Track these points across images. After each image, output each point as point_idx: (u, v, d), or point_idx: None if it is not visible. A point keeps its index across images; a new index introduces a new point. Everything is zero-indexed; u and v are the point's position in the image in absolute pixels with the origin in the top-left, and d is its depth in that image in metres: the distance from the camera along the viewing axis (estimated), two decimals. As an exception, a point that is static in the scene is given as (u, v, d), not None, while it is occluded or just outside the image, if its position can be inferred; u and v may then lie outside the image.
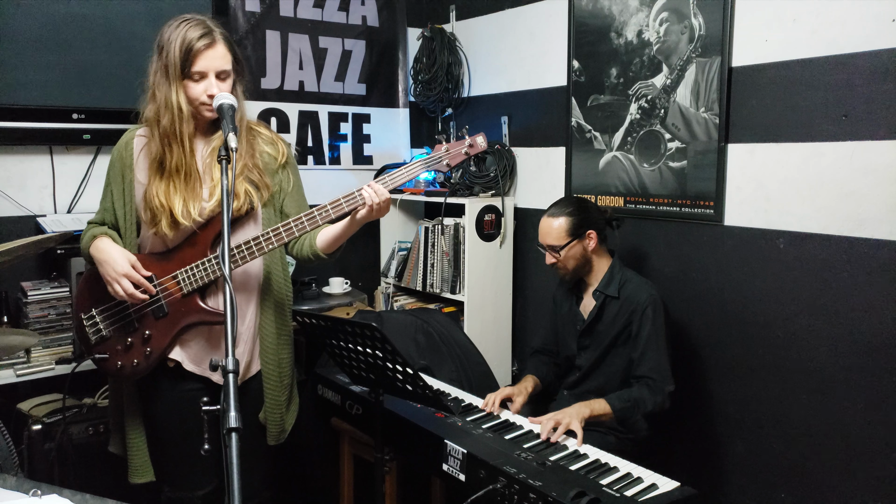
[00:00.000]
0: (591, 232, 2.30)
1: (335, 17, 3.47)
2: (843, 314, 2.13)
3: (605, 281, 2.32)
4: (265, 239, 1.79)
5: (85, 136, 2.71)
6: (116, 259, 1.78)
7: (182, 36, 1.72)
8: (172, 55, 1.72)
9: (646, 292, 2.25)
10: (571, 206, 2.33)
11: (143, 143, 1.86)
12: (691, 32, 2.47)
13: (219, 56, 1.76)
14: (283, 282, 2.00)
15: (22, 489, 1.36)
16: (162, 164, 1.79)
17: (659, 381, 2.16)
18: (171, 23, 1.76)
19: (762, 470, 2.37)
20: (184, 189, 1.79)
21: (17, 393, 2.51)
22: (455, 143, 1.93)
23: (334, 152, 3.55)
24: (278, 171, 1.95)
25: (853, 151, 2.07)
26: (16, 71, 2.55)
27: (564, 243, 2.29)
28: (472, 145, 1.94)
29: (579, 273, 2.36)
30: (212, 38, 1.74)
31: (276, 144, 1.95)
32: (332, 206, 1.79)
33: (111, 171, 1.90)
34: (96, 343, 1.87)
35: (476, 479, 1.77)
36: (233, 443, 1.15)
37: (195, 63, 1.73)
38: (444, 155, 1.92)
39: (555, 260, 2.32)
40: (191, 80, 1.74)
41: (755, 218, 2.34)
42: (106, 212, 1.91)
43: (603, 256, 2.36)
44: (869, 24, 2.01)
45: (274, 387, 1.97)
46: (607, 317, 2.31)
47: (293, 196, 1.98)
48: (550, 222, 2.31)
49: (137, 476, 1.94)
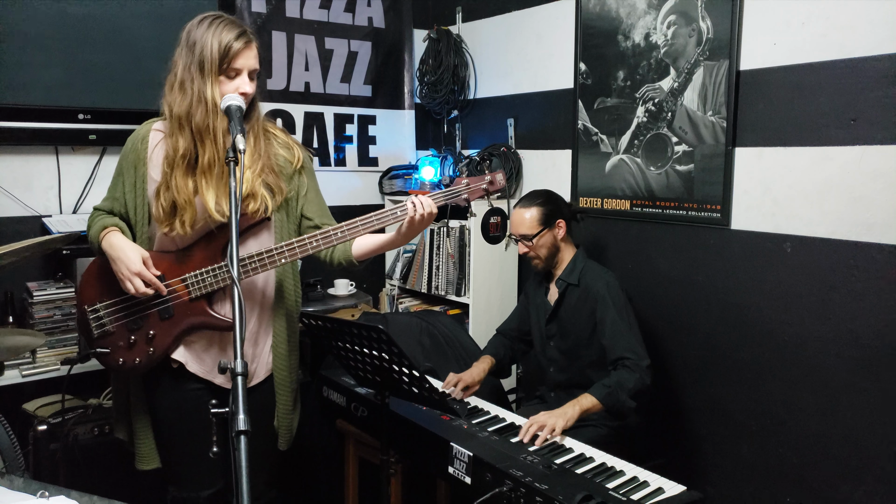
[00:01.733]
0: (560, 221, 2.41)
1: (341, 19, 3.47)
2: (851, 319, 2.12)
3: (568, 270, 2.41)
4: (278, 253, 1.79)
5: (91, 137, 2.71)
6: (130, 257, 1.76)
7: (219, 34, 1.73)
8: (209, 51, 1.72)
9: (602, 279, 2.33)
10: (541, 198, 2.44)
11: (160, 138, 1.84)
12: (699, 35, 2.46)
13: (253, 56, 1.79)
14: (295, 290, 2.00)
15: (29, 490, 1.35)
16: (191, 161, 1.77)
17: (635, 359, 2.18)
18: (200, 21, 1.76)
19: (768, 474, 2.36)
20: (217, 185, 1.78)
21: (22, 393, 2.51)
22: (475, 179, 1.96)
23: (340, 154, 3.55)
24: (293, 177, 1.94)
25: (862, 156, 2.06)
26: (22, 71, 2.55)
27: (536, 232, 2.38)
28: (492, 182, 1.98)
29: (551, 262, 2.44)
30: (248, 38, 1.77)
31: (291, 149, 1.94)
32: (349, 227, 1.81)
33: (123, 162, 1.88)
34: (99, 337, 1.85)
35: (482, 482, 1.76)
36: (241, 445, 1.15)
37: (234, 61, 1.74)
38: (463, 189, 1.95)
39: (527, 249, 2.41)
40: (226, 76, 1.76)
41: (762, 222, 2.34)
42: (116, 201, 1.89)
43: (569, 247, 2.46)
44: (878, 28, 2.00)
45: (286, 392, 1.97)
46: (568, 303, 2.38)
47: (312, 200, 1.98)
48: (522, 213, 2.41)
49: (144, 463, 1.93)
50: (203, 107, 1.73)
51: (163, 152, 1.81)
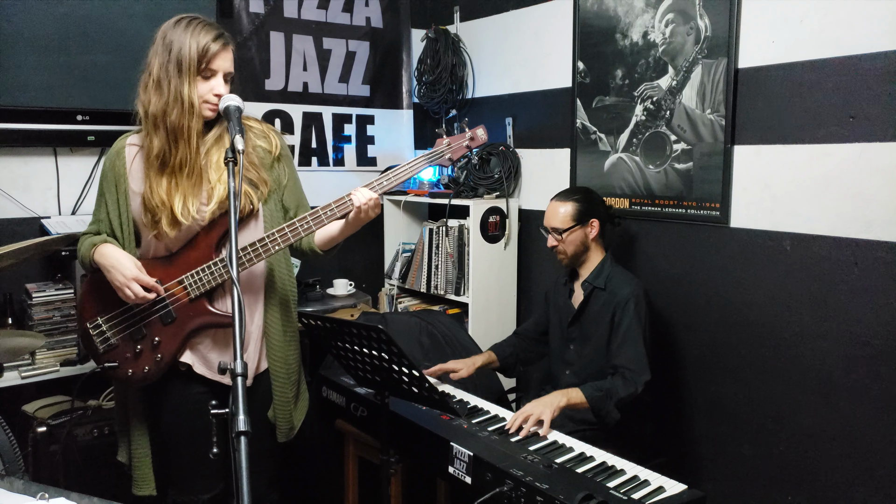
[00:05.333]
0: (593, 220, 2.39)
1: (339, 19, 3.47)
2: (851, 316, 2.12)
3: (595, 273, 2.39)
4: (271, 240, 1.79)
5: (89, 138, 2.71)
6: (124, 263, 1.76)
7: (197, 35, 1.73)
8: (187, 52, 1.72)
9: (629, 286, 2.30)
10: (579, 194, 2.43)
11: (136, 151, 1.85)
12: (697, 33, 2.46)
13: (229, 58, 1.80)
14: (288, 278, 1.99)
15: (29, 492, 1.35)
16: (164, 161, 1.76)
17: (635, 372, 2.18)
18: (177, 21, 1.76)
19: (769, 473, 2.36)
20: (186, 187, 1.77)
21: (21, 395, 2.51)
22: (456, 137, 1.95)
23: (338, 154, 3.55)
24: (274, 165, 1.93)
25: (860, 153, 2.06)
26: (19, 73, 2.54)
27: (568, 227, 2.37)
28: (472, 138, 1.96)
29: (577, 260, 2.42)
30: (225, 41, 1.78)
31: (268, 137, 1.93)
32: (336, 205, 1.81)
33: (104, 182, 1.88)
34: (105, 351, 1.85)
35: (482, 481, 1.76)
36: (241, 446, 1.15)
37: (212, 62, 1.75)
38: (445, 149, 1.93)
39: (556, 243, 2.39)
40: (202, 77, 1.76)
41: (762, 220, 2.34)
42: (101, 223, 1.89)
43: (598, 249, 2.43)
44: (876, 26, 2.00)
45: (282, 384, 1.96)
46: (593, 307, 2.36)
47: (291, 189, 1.97)
48: (557, 206, 2.40)
49: (140, 488, 1.94)
50: (179, 106, 1.73)
51: (142, 162, 1.81)
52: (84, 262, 1.87)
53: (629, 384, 2.16)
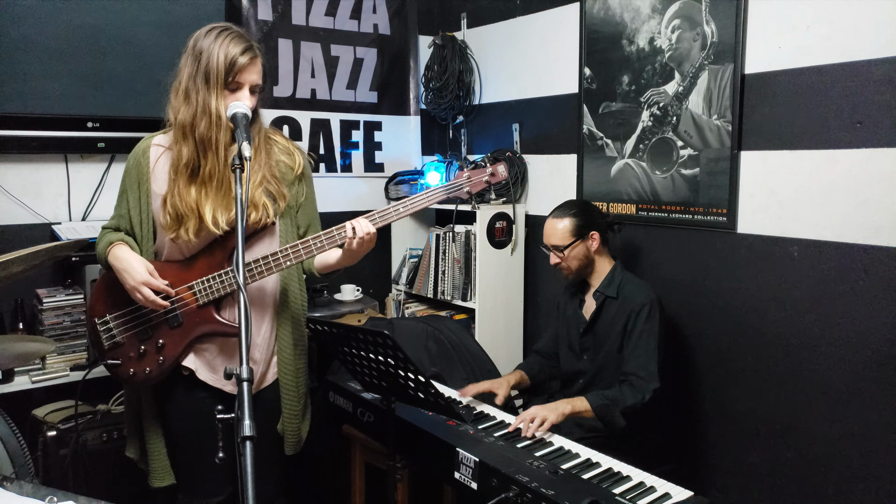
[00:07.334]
0: (593, 233, 2.37)
1: (347, 26, 3.49)
2: (859, 323, 2.11)
3: (606, 282, 2.38)
4: (283, 255, 1.80)
5: (99, 145, 2.74)
6: (135, 267, 1.79)
7: (226, 47, 1.73)
8: (215, 64, 1.72)
9: (643, 293, 2.30)
10: (575, 208, 2.41)
11: (160, 152, 1.87)
12: (704, 39, 2.46)
13: (257, 71, 1.79)
14: (300, 295, 2.01)
15: (38, 496, 1.36)
16: (193, 169, 1.78)
17: (643, 380, 2.18)
18: (208, 31, 1.77)
19: (776, 480, 2.35)
20: (215, 197, 1.79)
21: (32, 399, 2.53)
22: (476, 171, 1.98)
23: (346, 160, 3.57)
24: (294, 183, 1.95)
25: (868, 158, 2.06)
26: (31, 80, 2.58)
27: (568, 243, 2.35)
28: (493, 174, 2.00)
29: (582, 274, 2.41)
30: (254, 53, 1.78)
31: (292, 155, 1.95)
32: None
33: (127, 179, 1.90)
34: (109, 348, 1.88)
35: (488, 487, 1.76)
36: (247, 451, 1.16)
37: (239, 75, 1.75)
38: (465, 182, 1.96)
39: (559, 260, 2.38)
40: (228, 90, 1.76)
41: (768, 226, 2.33)
42: (121, 218, 1.92)
43: (605, 259, 2.42)
44: (883, 31, 2.00)
45: (291, 398, 1.98)
46: (606, 316, 2.35)
47: (305, 208, 1.99)
48: (555, 223, 2.39)
49: (158, 480, 1.94)
50: (207, 118, 1.74)
51: (167, 164, 1.83)
52: (100, 259, 1.89)
53: (637, 392, 2.16)
